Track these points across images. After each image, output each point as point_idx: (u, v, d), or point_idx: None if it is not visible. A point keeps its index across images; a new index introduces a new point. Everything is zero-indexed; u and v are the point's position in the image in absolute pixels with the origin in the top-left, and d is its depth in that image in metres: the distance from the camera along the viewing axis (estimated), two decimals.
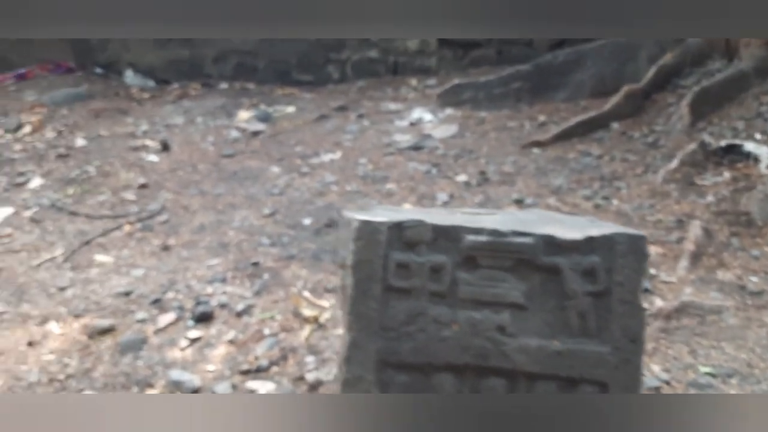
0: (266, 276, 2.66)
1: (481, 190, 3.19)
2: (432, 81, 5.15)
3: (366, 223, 1.21)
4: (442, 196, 3.16)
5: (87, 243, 3.08)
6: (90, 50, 5.89)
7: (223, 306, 2.47)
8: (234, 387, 2.04)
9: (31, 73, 5.79)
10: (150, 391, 2.05)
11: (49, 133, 4.47)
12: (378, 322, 1.22)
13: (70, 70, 5.87)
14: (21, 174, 3.87)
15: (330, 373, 2.05)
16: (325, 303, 2.44)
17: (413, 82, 5.12)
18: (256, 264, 2.76)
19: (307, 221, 3.10)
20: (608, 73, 4.03)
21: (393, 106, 4.56)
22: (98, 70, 5.83)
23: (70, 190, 3.64)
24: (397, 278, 1.23)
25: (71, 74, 5.80)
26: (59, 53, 5.97)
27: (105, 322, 2.41)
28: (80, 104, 5.04)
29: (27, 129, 4.55)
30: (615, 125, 3.58)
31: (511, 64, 5.02)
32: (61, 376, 2.16)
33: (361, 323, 1.22)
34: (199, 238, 3.05)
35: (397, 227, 1.22)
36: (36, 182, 3.77)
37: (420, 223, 1.22)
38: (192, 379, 2.05)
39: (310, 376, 2.03)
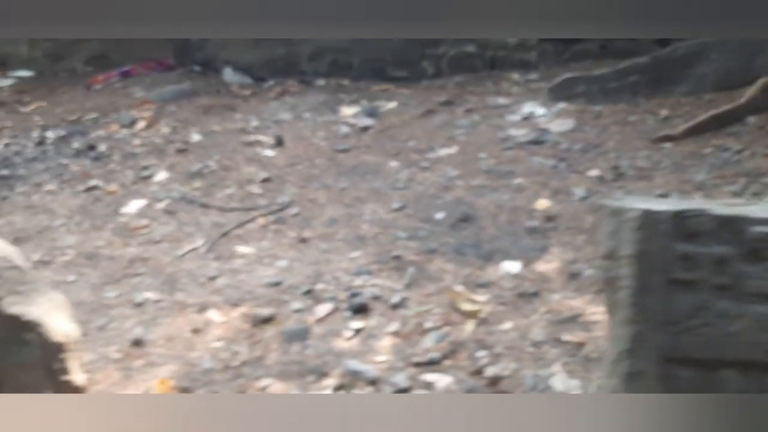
0: (411, 269, 2.66)
1: (618, 185, 3.11)
2: (534, 75, 5.07)
3: (648, 213, 1.19)
4: (579, 191, 3.10)
5: (225, 234, 3.15)
6: (188, 48, 6.04)
7: (375, 298, 2.49)
8: (411, 379, 2.04)
9: (134, 71, 5.97)
10: (326, 381, 2.08)
11: (164, 129, 4.60)
12: (660, 315, 1.20)
13: (170, 67, 6.03)
14: (145, 168, 3.99)
15: (507, 368, 2.04)
16: (480, 298, 2.43)
17: (515, 76, 5.05)
18: (397, 257, 2.77)
19: (439, 215, 3.09)
20: (735, 66, 3.88)
21: (501, 100, 4.51)
22: (196, 68, 5.97)
23: (197, 183, 3.74)
24: (680, 270, 1.20)
25: (171, 72, 5.95)
26: (158, 51, 6.14)
27: (265, 311, 2.45)
28: (186, 101, 5.17)
29: (141, 124, 4.70)
30: (751, 119, 3.44)
31: (615, 57, 4.89)
32: (235, 363, 2.21)
33: (643, 316, 1.20)
34: (334, 231, 3.08)
35: (680, 216, 1.19)
36: (161, 175, 3.88)
37: (702, 213, 1.19)
38: (369, 369, 2.07)
39: (489, 371, 2.02)
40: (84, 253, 3.11)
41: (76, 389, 1.67)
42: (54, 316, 1.65)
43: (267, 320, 2.42)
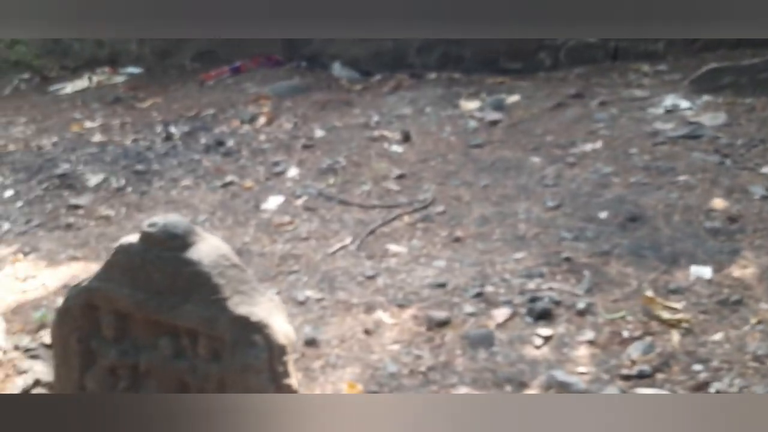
0: (588, 273, 2.50)
1: None
2: (663, 66, 4.79)
3: None
4: (758, 190, 2.86)
5: (372, 232, 3.07)
6: (296, 44, 6.03)
7: (556, 303, 2.34)
8: (624, 393, 1.89)
9: (244, 67, 6.02)
10: (528, 391, 1.95)
11: (285, 124, 4.58)
12: None
13: (278, 63, 6.04)
14: (275, 164, 3.97)
15: (732, 384, 1.85)
16: (676, 305, 2.24)
17: (644, 67, 4.78)
18: (568, 259, 2.61)
19: (603, 214, 2.91)
20: None
21: (638, 92, 4.26)
22: (303, 63, 5.96)
23: (331, 180, 3.68)
24: None
25: (280, 67, 5.96)
26: (266, 47, 6.16)
27: (440, 314, 2.34)
28: (300, 96, 5.15)
29: (262, 120, 4.70)
30: None
31: (754, 47, 4.58)
32: (421, 368, 2.11)
33: None
34: (488, 231, 2.95)
35: None
36: (293, 171, 3.85)
37: None
38: (576, 381, 1.92)
39: (713, 387, 1.84)
40: (233, 249, 3.08)
41: (294, 393, 1.60)
42: (276, 317, 1.58)
43: (443, 323, 2.31)
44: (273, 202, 3.52)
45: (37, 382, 2.11)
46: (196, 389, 1.59)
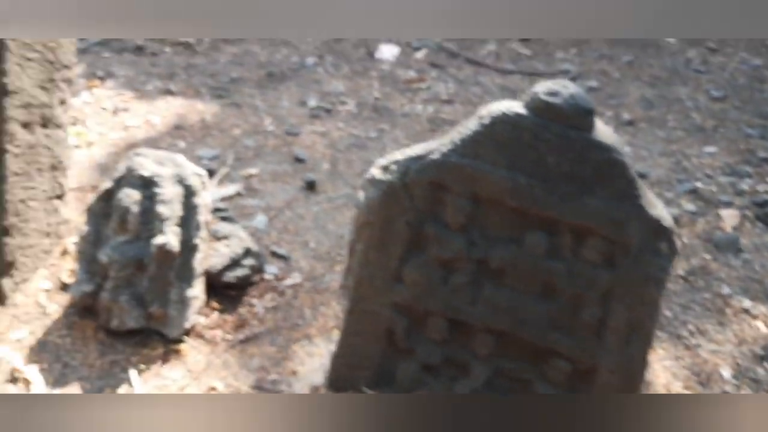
0: None
1: None
2: None
3: None
4: None
5: None
6: None
7: None
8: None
9: None
10: None
11: None
12: None
13: None
14: None
15: None
16: None
17: None
18: (767, 160, 2.44)
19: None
20: None
21: None
22: None
23: None
24: None
25: None
26: None
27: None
28: None
29: None
30: None
31: None
32: (678, 271, 1.92)
33: None
34: (659, 116, 2.69)
35: None
36: None
37: None
38: None
39: None
40: (366, 104, 2.65)
41: None
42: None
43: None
44: (387, 51, 3.02)
45: (247, 252, 1.71)
46: (567, 295, 1.30)
